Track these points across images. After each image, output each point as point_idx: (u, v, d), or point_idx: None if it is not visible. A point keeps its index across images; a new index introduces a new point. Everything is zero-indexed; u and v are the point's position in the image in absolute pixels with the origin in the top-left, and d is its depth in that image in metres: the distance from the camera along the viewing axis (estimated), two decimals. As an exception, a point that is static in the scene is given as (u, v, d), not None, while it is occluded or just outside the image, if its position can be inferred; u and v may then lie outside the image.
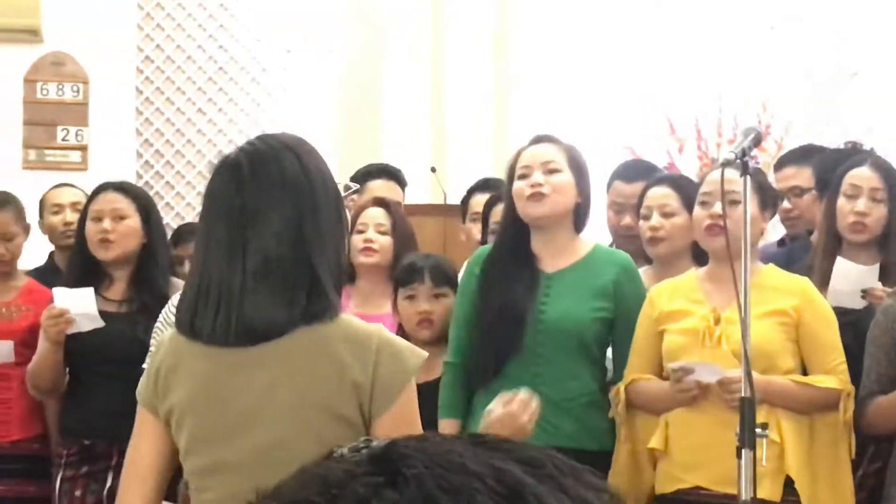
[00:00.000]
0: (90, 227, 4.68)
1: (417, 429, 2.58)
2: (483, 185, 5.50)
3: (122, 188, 4.83)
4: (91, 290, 4.53)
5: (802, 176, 5.06)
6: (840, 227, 4.32)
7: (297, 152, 2.64)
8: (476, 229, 5.30)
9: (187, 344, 2.63)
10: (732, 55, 8.37)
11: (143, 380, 2.71)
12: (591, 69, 8.33)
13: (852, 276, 4.21)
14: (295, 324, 2.54)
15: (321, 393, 2.53)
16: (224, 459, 2.58)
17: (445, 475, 0.84)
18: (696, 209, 4.08)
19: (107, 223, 4.64)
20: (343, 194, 2.77)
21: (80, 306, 4.49)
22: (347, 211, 2.77)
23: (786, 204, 5.04)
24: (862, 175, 4.34)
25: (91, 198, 4.79)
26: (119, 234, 4.65)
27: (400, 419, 2.55)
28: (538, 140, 4.26)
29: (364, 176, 5.74)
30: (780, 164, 5.32)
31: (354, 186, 5.20)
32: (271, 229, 2.57)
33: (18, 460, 5.03)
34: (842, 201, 4.32)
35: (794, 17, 8.39)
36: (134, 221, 4.69)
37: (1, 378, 5.02)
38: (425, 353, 2.64)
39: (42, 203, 5.72)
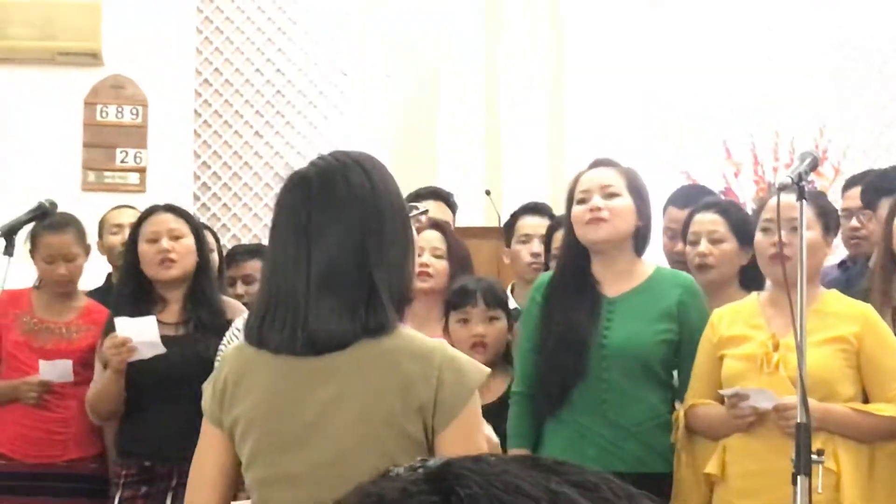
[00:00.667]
0: (147, 248, 4.67)
1: (479, 444, 2.59)
2: (532, 209, 5.51)
3: (173, 209, 4.86)
4: (153, 318, 4.52)
5: None
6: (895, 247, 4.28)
7: (365, 168, 2.67)
8: (525, 250, 5.30)
9: (253, 355, 2.66)
10: (791, 81, 8.32)
11: (206, 393, 2.73)
12: (649, 94, 8.31)
13: None
14: (357, 336, 2.57)
15: (385, 408, 2.55)
16: (286, 471, 2.60)
17: (500, 496, 0.85)
18: (759, 235, 4.04)
19: (165, 243, 4.66)
20: (410, 215, 2.79)
21: (142, 334, 4.49)
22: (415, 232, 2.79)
23: (854, 222, 5.01)
24: None
25: (141, 220, 4.79)
26: (179, 253, 4.67)
27: (461, 434, 2.56)
28: (597, 164, 4.24)
29: (414, 199, 5.76)
30: (851, 184, 5.29)
31: (422, 208, 5.19)
32: (334, 243, 2.59)
33: (75, 479, 5.07)
34: None
35: (852, 45, 8.33)
36: (189, 241, 4.71)
37: (59, 397, 5.06)
38: (487, 370, 2.65)
39: (101, 224, 5.78)
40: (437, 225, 4.93)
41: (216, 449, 2.71)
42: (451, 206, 5.90)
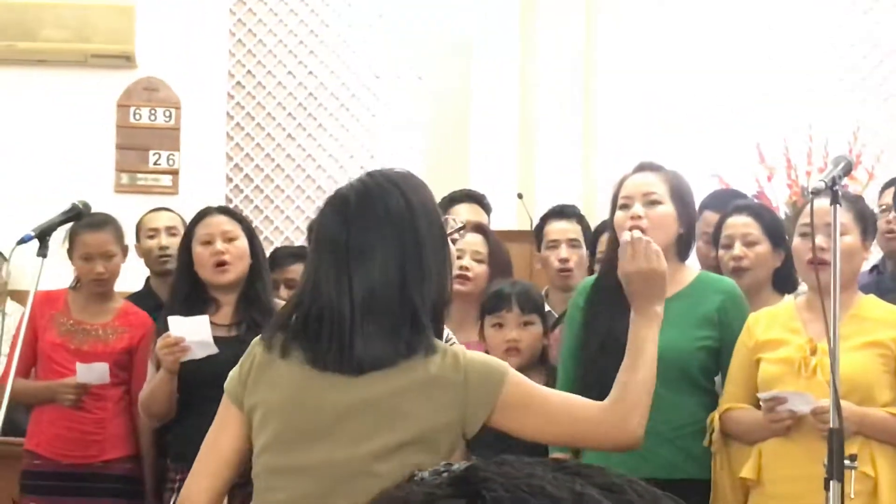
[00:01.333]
0: (201, 250, 4.65)
1: (542, 397, 2.70)
2: (558, 212, 5.41)
3: (226, 211, 4.85)
4: (206, 318, 4.50)
5: None
6: None
7: (403, 189, 2.74)
8: (553, 256, 5.22)
9: (280, 362, 2.72)
10: (825, 84, 8.29)
11: (233, 373, 2.80)
12: (683, 96, 8.29)
13: None
14: (399, 357, 2.64)
15: (406, 421, 2.62)
16: (299, 463, 2.66)
17: (526, 499, 0.84)
18: (797, 240, 4.02)
19: (220, 245, 4.63)
20: (448, 231, 2.84)
21: (195, 333, 4.47)
22: (452, 246, 2.85)
23: (891, 216, 4.99)
24: None
25: (196, 222, 4.76)
26: (233, 255, 4.64)
27: (514, 405, 2.67)
28: (640, 168, 4.21)
29: (449, 202, 5.71)
30: (892, 184, 5.27)
31: (460, 224, 5.16)
32: (376, 265, 2.67)
33: (111, 480, 5.09)
34: None
35: (888, 49, 8.29)
36: (243, 243, 4.67)
37: (96, 398, 5.08)
38: (504, 363, 2.75)
39: (138, 227, 5.77)
40: (479, 228, 4.91)
41: (232, 429, 2.77)
42: (486, 208, 5.85)
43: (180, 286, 4.74)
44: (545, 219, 5.43)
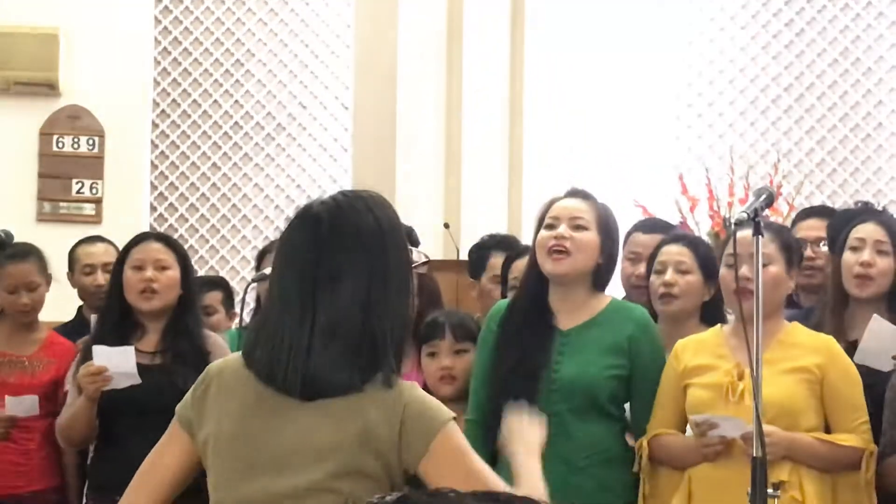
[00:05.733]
0: (131, 275, 4.56)
1: (471, 465, 2.61)
2: (505, 245, 5.34)
3: (163, 238, 4.78)
4: (132, 348, 4.43)
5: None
6: (845, 282, 4.31)
7: (376, 213, 2.66)
8: (498, 291, 5.11)
9: (238, 377, 2.67)
10: (746, 115, 8.39)
11: (186, 396, 2.74)
12: (606, 129, 8.36)
13: (886, 337, 4.14)
14: (352, 388, 2.58)
15: (344, 450, 2.58)
16: (242, 496, 2.63)
17: None
18: (723, 270, 4.06)
19: (150, 272, 4.57)
20: (413, 263, 2.80)
21: (119, 365, 4.40)
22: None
23: (809, 252, 5.03)
24: (866, 228, 4.34)
25: (130, 246, 4.67)
26: (162, 284, 4.58)
27: (444, 461, 2.58)
28: (572, 194, 4.21)
29: None
30: (806, 216, 5.29)
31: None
32: (341, 291, 2.60)
33: (37, 511, 5.04)
34: (847, 255, 4.31)
35: (807, 84, 8.42)
36: (175, 273, 4.60)
37: (23, 430, 5.02)
38: (452, 413, 2.66)
39: (73, 258, 5.60)
40: None
41: (178, 451, 2.73)
42: (413, 242, 5.73)
43: (109, 310, 4.68)
44: (489, 249, 5.37)
